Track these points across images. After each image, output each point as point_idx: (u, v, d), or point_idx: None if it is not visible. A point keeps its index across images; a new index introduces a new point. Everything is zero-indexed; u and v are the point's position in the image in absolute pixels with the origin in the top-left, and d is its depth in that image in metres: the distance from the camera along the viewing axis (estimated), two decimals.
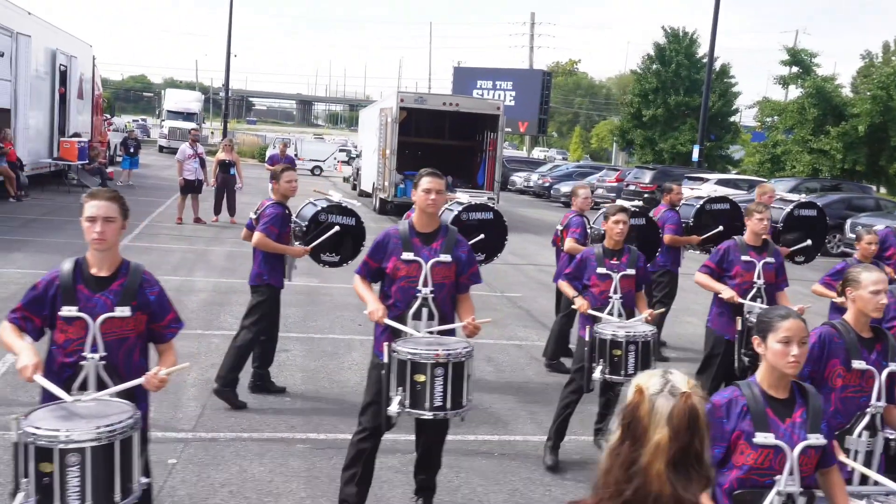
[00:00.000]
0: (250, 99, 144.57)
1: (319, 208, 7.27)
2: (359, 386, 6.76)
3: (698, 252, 9.90)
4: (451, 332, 4.79)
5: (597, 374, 5.72)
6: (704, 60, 35.91)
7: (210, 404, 6.81)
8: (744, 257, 6.49)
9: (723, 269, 6.55)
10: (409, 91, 23.80)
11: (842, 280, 4.32)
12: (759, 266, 6.45)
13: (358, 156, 32.24)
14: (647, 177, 27.78)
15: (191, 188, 17.71)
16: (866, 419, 4.00)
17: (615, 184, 29.78)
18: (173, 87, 73.41)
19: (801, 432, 3.16)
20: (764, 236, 6.59)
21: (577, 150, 70.40)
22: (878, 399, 4.01)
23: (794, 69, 33.22)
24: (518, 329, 10.24)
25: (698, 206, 9.22)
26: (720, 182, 26.38)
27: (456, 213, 7.91)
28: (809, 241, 8.83)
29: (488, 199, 21.53)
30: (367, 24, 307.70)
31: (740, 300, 6.30)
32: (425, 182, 4.78)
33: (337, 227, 7.13)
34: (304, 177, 37.11)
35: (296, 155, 38.02)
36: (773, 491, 3.09)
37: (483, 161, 23.43)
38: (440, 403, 4.38)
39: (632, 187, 27.91)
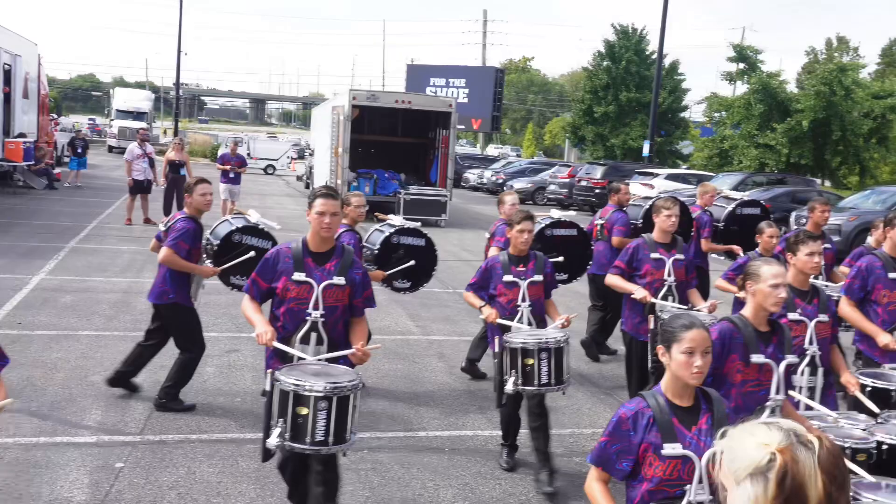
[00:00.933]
0: (202, 98, 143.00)
1: (234, 228, 6.97)
2: None
3: None
4: (342, 359, 4.55)
5: (509, 387, 5.43)
6: (654, 57, 36.38)
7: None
8: (653, 255, 6.39)
9: (633, 269, 6.42)
10: (362, 89, 23.69)
11: (742, 274, 4.25)
12: (668, 263, 6.37)
13: (311, 154, 32.09)
14: (598, 173, 28.04)
15: (140, 188, 17.48)
16: (766, 413, 3.99)
17: (567, 180, 30.01)
18: (123, 87, 72.24)
19: (708, 439, 3.12)
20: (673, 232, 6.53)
21: (531, 147, 70.80)
22: (777, 392, 4.00)
23: (741, 65, 33.82)
24: (469, 325, 10.30)
25: (647, 206, 9.20)
26: (670, 177, 26.75)
27: (387, 234, 7.65)
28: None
29: (442, 197, 21.66)
30: (321, 22, 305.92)
31: (652, 299, 6.22)
32: (319, 204, 4.52)
33: (252, 253, 6.78)
34: (258, 175, 36.88)
35: (248, 154, 37.71)
36: (684, 501, 3.08)
37: (436, 158, 23.49)
38: (322, 438, 4.07)
39: (583, 183, 28.17)
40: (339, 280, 4.57)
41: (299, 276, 4.51)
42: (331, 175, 22.71)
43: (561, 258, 7.56)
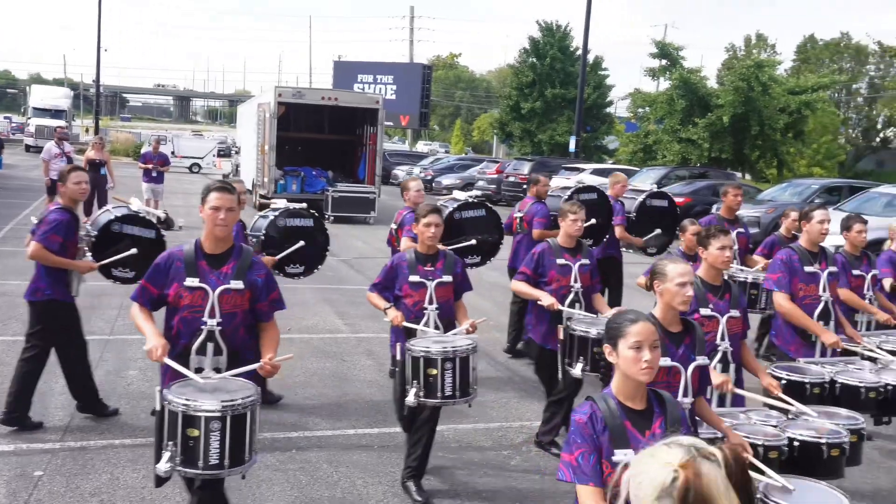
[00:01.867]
0: (124, 95, 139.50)
1: (113, 217, 6.47)
2: None
3: None
4: (250, 373, 4.12)
5: (410, 398, 5.04)
6: (579, 53, 36.87)
7: (79, 412, 6.61)
8: (559, 261, 6.19)
9: (538, 275, 6.20)
10: (288, 86, 23.47)
11: (650, 273, 4.16)
12: (574, 269, 6.19)
13: (237, 152, 31.63)
14: (525, 168, 28.32)
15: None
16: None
17: (495, 175, 30.25)
18: (40, 84, 70.06)
19: None
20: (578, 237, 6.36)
21: (459, 143, 71.05)
22: (685, 395, 3.90)
23: (663, 62, 34.52)
24: None
25: (566, 197, 9.30)
26: (596, 172, 27.14)
27: (271, 219, 7.25)
28: (659, 230, 9.06)
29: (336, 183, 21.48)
30: (246, 18, 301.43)
31: (560, 307, 6.04)
32: (213, 199, 4.19)
33: (134, 250, 6.36)
34: (182, 174, 36.16)
35: (173, 153, 36.99)
36: None
37: (364, 155, 23.42)
38: (216, 461, 3.73)
39: (511, 179, 28.45)
40: (237, 284, 4.20)
41: (192, 281, 4.14)
42: (257, 173, 22.44)
43: (473, 241, 7.46)
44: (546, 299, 6.02)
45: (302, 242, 7.19)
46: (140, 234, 6.47)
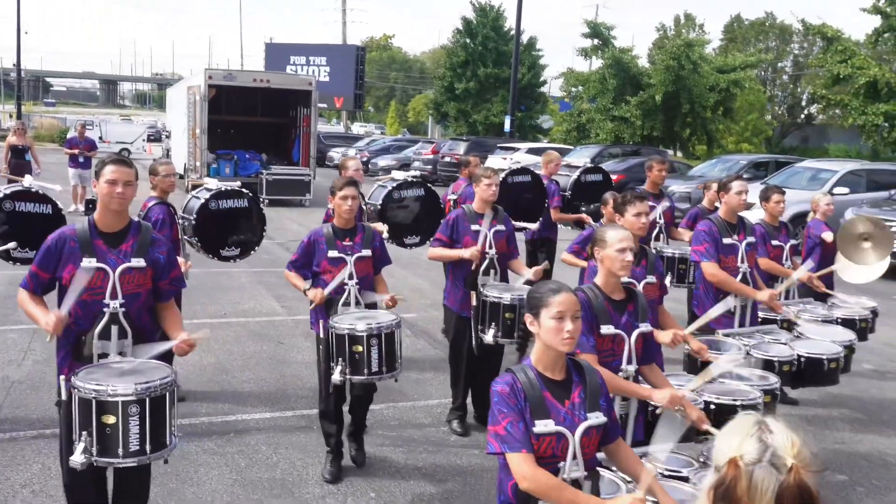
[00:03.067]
0: (47, 79, 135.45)
1: (3, 195, 6.08)
2: (194, 379, 6.49)
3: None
4: (163, 355, 3.96)
5: (336, 377, 5.01)
6: (512, 34, 36.96)
7: (8, 403, 6.45)
8: (473, 227, 6.11)
9: (453, 241, 6.13)
10: (219, 68, 23.05)
11: (590, 243, 4.18)
12: (489, 235, 6.14)
13: (168, 136, 31.01)
14: (461, 148, 28.35)
15: None
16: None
17: (431, 156, 30.23)
18: None
19: (582, 413, 3.00)
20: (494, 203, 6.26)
21: (394, 125, 70.77)
22: (630, 362, 3.96)
23: (595, 41, 34.82)
24: None
25: (501, 178, 9.31)
26: (531, 151, 27.33)
27: (203, 200, 6.95)
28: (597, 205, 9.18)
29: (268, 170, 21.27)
30: (174, 0, 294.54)
31: (484, 252, 6.00)
32: (109, 172, 3.91)
33: (13, 244, 5.92)
34: None
35: (101, 138, 36.07)
36: (558, 479, 2.92)
37: (298, 137, 23.17)
38: (137, 447, 3.53)
39: (447, 159, 28.47)
40: (138, 262, 3.96)
41: (89, 262, 3.87)
42: (189, 157, 22.03)
43: (411, 218, 7.30)
44: (467, 251, 5.94)
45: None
46: (35, 211, 6.09)
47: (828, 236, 7.68)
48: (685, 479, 3.49)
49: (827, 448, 6.31)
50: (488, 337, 5.80)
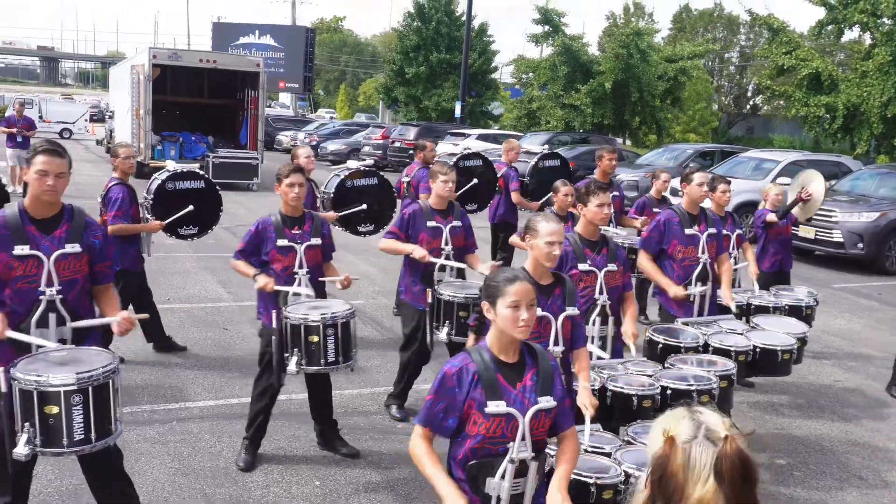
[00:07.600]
0: None
1: None
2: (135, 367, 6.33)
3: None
4: (94, 336, 4.02)
5: (292, 367, 4.95)
6: (463, 19, 36.86)
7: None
8: (430, 223, 6.07)
9: (408, 237, 6.08)
10: (164, 47, 22.59)
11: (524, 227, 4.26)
12: (445, 231, 6.09)
13: (111, 117, 30.32)
14: (411, 133, 28.22)
15: None
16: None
17: (381, 141, 30.04)
18: None
19: (532, 396, 3.08)
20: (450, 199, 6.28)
21: (344, 108, 70.17)
22: (556, 344, 4.09)
23: (546, 28, 34.88)
24: None
25: (451, 163, 9.36)
26: (481, 137, 27.35)
27: (160, 181, 7.11)
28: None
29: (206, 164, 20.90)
30: None
31: (432, 259, 5.97)
32: (40, 162, 3.84)
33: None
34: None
35: (41, 117, 35.18)
36: (506, 459, 3.03)
37: (245, 120, 22.83)
38: (82, 436, 3.49)
39: (397, 144, 28.32)
40: (73, 248, 3.92)
41: (22, 249, 3.79)
42: (133, 138, 21.57)
43: (191, 207, 7.29)
44: (417, 251, 5.92)
45: (191, 207, 7.23)
46: None
47: (771, 217, 8.06)
48: (607, 455, 3.81)
49: (767, 433, 6.44)
50: (442, 335, 5.79)
